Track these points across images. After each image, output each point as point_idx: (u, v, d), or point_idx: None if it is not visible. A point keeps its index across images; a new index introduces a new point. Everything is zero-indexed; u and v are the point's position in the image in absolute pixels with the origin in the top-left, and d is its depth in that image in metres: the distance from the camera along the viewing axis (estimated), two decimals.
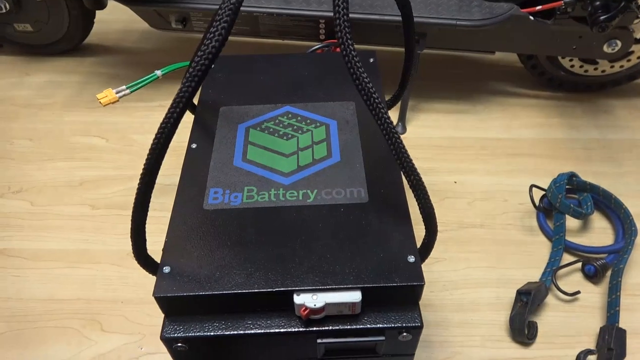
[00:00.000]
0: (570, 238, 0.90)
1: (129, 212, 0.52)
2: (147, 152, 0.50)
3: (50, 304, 0.85)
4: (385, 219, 0.62)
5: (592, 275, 0.84)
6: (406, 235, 0.60)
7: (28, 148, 1.15)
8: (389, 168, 0.68)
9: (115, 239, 0.94)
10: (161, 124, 0.50)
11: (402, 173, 0.59)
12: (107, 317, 0.83)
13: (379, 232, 0.61)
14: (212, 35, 0.49)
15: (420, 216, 0.57)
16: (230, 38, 0.84)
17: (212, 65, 0.50)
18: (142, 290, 0.86)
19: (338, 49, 1.12)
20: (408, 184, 0.59)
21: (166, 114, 0.50)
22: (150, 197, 0.52)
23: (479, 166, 1.08)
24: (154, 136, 0.51)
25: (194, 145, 0.74)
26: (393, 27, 1.10)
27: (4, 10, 1.25)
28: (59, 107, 1.26)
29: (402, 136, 1.17)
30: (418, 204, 0.58)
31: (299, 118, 0.79)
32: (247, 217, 0.62)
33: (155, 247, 0.57)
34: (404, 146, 0.56)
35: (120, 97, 0.88)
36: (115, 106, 1.25)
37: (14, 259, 0.92)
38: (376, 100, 0.55)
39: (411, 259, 0.57)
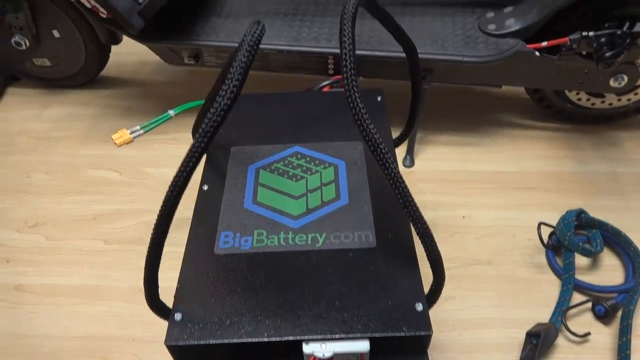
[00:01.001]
0: (580, 276, 0.90)
1: (141, 247, 0.53)
2: (160, 185, 0.52)
3: (63, 342, 0.86)
4: (393, 265, 0.63)
5: (603, 316, 0.84)
6: (414, 281, 0.61)
7: (44, 181, 1.18)
8: (396, 210, 0.69)
9: (127, 275, 0.96)
10: (174, 178, 0.51)
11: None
12: (119, 354, 0.84)
13: (387, 278, 0.61)
14: (224, 92, 0.51)
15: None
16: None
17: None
18: (153, 327, 0.87)
19: None
20: (415, 231, 0.60)
21: (179, 170, 0.52)
22: (163, 246, 0.54)
23: (487, 200, 1.09)
24: (166, 169, 0.53)
25: (205, 187, 0.76)
26: (399, 63, 1.12)
27: (23, 47, 1.30)
28: (75, 140, 1.30)
29: (410, 169, 1.19)
30: (425, 252, 0.59)
31: (308, 159, 0.80)
32: (257, 262, 0.64)
33: (166, 283, 0.58)
34: (410, 195, 0.57)
35: (135, 138, 0.90)
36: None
37: (29, 294, 0.94)
38: (383, 151, 0.56)
39: (419, 307, 0.57)
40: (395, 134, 0.87)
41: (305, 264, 0.63)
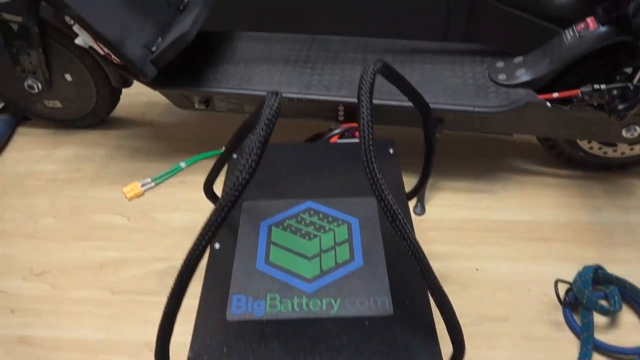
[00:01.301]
0: (599, 335, 0.88)
1: (147, 298, 0.52)
2: (168, 231, 0.51)
3: None
4: (410, 334, 0.61)
5: None
6: (433, 352, 0.59)
7: (51, 226, 1.17)
8: (412, 273, 0.68)
9: (133, 328, 0.94)
10: (187, 255, 0.50)
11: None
12: None
13: (405, 349, 0.60)
14: (242, 167, 0.50)
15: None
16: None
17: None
18: None
19: (357, 133, 1.15)
20: (434, 301, 0.58)
21: (193, 246, 0.51)
22: (175, 320, 0.53)
23: (499, 251, 1.07)
24: (174, 215, 0.53)
25: (217, 246, 0.75)
26: (411, 112, 1.12)
27: (36, 91, 1.31)
28: (83, 182, 1.29)
29: (420, 217, 1.17)
30: (445, 323, 0.57)
31: (321, 215, 0.79)
32: (270, 330, 0.62)
33: (173, 338, 0.56)
34: (429, 265, 0.56)
35: (146, 191, 0.90)
36: (135, 181, 1.28)
37: (34, 348, 0.91)
38: (401, 222, 0.55)
39: None
40: (406, 180, 0.86)
41: (320, 332, 0.62)
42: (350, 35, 1.31)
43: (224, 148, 1.25)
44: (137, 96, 1.60)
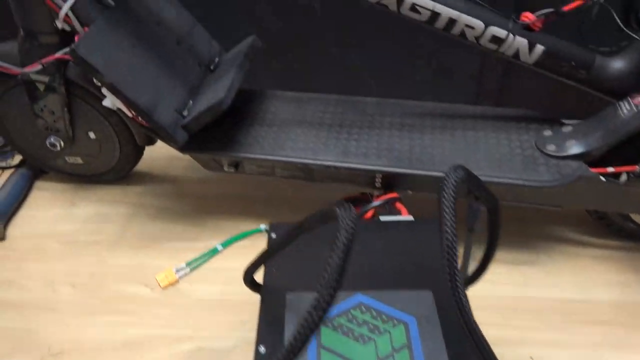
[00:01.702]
0: None
1: None
2: (195, 305, 0.45)
3: None
4: None
5: None
6: None
7: (71, 297, 1.11)
8: None
9: None
10: None
11: None
12: None
13: None
14: (316, 305, 0.44)
15: None
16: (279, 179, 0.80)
17: None
18: None
19: (399, 204, 1.09)
20: None
21: None
22: None
23: (553, 336, 0.99)
24: (202, 286, 0.46)
25: (262, 349, 0.68)
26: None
27: (58, 149, 1.27)
28: (103, 245, 1.23)
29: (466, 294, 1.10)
30: None
31: (374, 313, 0.72)
32: None
33: None
34: None
35: (181, 277, 0.83)
36: (158, 246, 1.22)
37: None
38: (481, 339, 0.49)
39: None
40: None
41: None
42: (382, 97, 1.27)
43: (263, 226, 1.21)
44: (159, 149, 1.54)
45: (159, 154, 1.53)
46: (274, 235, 0.86)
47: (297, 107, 1.22)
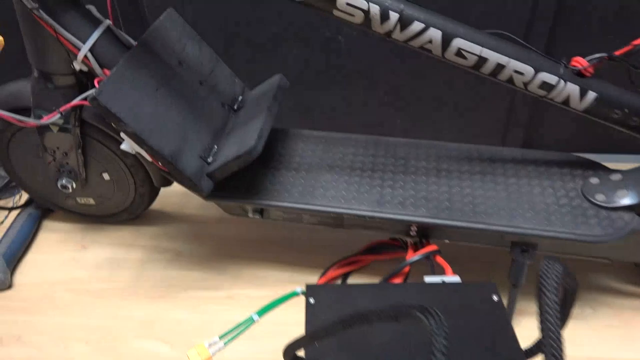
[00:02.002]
0: None
1: None
2: None
3: None
4: None
5: None
6: None
7: (83, 356, 1.03)
8: None
9: None
10: None
11: None
12: None
13: None
14: None
15: None
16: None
17: None
18: None
19: (440, 259, 1.02)
20: None
21: None
22: None
23: None
24: (225, 344, 0.37)
25: None
26: (497, 235, 0.99)
27: (70, 190, 1.19)
28: (117, 295, 1.15)
29: None
30: None
31: None
32: None
33: None
34: None
35: (215, 353, 0.76)
36: (176, 295, 1.15)
37: None
38: None
39: None
40: None
41: None
42: (407, 132, 1.21)
43: (299, 289, 1.13)
44: (173, 186, 1.48)
45: (172, 191, 1.45)
46: (312, 300, 0.79)
47: (325, 149, 1.15)
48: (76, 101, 0.94)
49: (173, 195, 1.45)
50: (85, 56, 0.94)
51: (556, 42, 1.30)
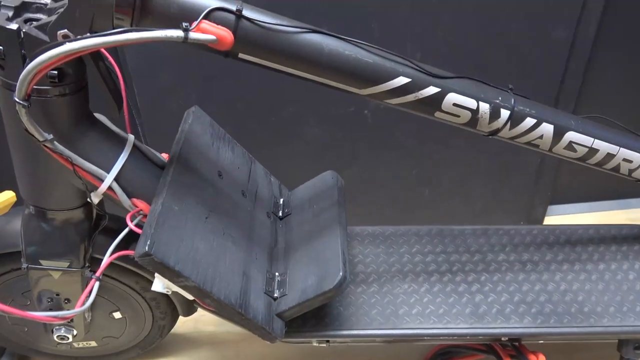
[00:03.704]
0: None
1: None
2: None
3: None
4: None
5: None
6: None
7: None
8: None
9: None
10: None
11: None
12: None
13: None
14: None
15: None
16: None
17: None
18: None
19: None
20: None
21: None
22: None
23: None
24: None
25: None
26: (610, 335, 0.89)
27: (69, 340, 0.92)
28: None
29: None
30: None
31: None
32: None
33: None
34: None
35: None
36: None
37: None
38: None
39: None
40: None
41: None
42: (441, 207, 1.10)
43: None
44: None
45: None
46: None
47: (387, 250, 0.99)
48: (111, 257, 0.70)
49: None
50: (110, 187, 0.72)
51: None
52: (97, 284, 0.68)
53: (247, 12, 0.60)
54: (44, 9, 0.63)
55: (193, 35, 0.57)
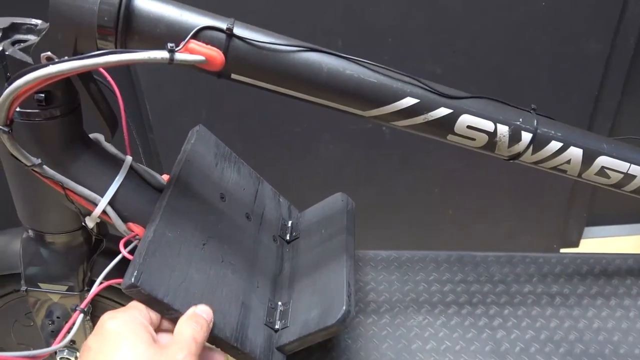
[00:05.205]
0: None
1: None
2: None
3: None
4: None
5: None
6: None
7: None
8: None
9: None
10: None
11: None
12: None
13: None
14: None
15: None
16: None
17: None
18: None
19: None
20: None
21: None
22: None
23: None
24: None
25: None
26: None
27: None
28: None
29: None
30: None
31: None
32: None
33: None
34: None
35: None
36: None
37: None
38: None
39: None
40: None
41: None
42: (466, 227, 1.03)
43: None
44: None
45: None
46: None
47: (401, 277, 0.93)
48: (99, 287, 0.67)
49: None
50: (104, 211, 0.69)
51: None
52: (80, 316, 0.65)
53: (238, 31, 0.57)
54: (34, 30, 0.61)
55: (179, 56, 0.53)
